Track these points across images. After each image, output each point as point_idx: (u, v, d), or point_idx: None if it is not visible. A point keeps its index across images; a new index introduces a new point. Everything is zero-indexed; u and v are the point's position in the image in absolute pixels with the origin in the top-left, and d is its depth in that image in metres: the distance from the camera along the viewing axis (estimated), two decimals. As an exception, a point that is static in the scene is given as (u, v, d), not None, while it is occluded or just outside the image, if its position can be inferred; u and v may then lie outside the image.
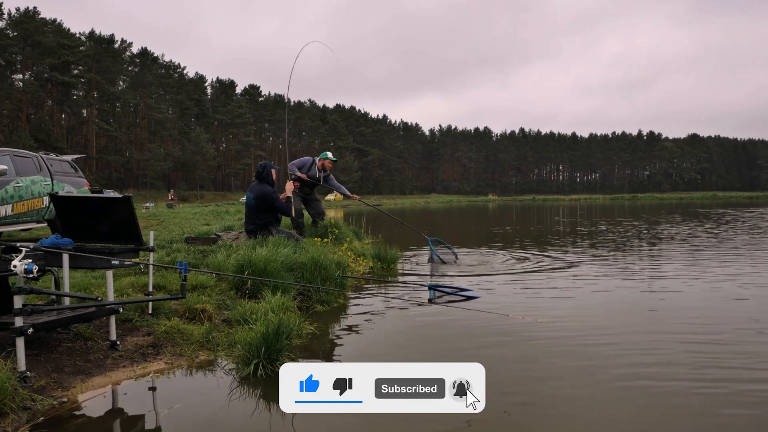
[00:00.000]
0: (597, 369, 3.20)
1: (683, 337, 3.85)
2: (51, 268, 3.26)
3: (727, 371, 3.13)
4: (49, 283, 3.53)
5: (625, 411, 2.62)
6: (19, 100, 59.46)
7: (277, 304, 3.99)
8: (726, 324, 4.18)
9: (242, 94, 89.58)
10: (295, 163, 7.97)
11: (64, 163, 9.11)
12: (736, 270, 6.80)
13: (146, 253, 3.78)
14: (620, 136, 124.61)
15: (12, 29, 59.22)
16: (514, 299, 5.20)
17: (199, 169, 72.53)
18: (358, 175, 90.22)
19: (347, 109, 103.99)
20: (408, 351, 3.68)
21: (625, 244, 10.44)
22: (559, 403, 2.72)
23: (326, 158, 8.01)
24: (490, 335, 3.97)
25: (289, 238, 6.07)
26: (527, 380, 3.05)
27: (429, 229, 17.52)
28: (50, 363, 2.91)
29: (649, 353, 3.47)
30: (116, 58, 70.70)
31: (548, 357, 3.42)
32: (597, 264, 7.57)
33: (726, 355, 3.42)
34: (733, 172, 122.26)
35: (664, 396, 2.77)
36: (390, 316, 4.66)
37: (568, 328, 4.08)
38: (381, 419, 2.43)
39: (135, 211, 3.58)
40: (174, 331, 3.53)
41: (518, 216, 26.89)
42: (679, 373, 3.10)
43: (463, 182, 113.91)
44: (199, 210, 24.77)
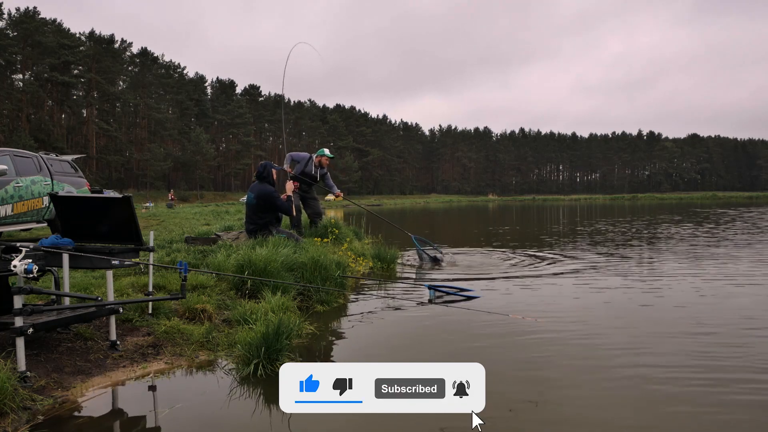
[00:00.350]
0: (597, 368, 3.20)
1: (684, 336, 3.85)
2: (51, 268, 3.26)
3: (729, 370, 3.12)
4: (49, 283, 3.53)
5: (626, 411, 2.62)
6: (19, 100, 59.47)
7: (277, 304, 3.99)
8: (725, 323, 4.17)
9: (242, 94, 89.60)
10: (294, 155, 7.89)
11: (64, 163, 9.11)
12: (735, 269, 6.80)
13: (146, 253, 3.78)
14: (620, 136, 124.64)
15: (12, 29, 59.25)
16: (514, 299, 5.20)
17: (199, 169, 72.54)
18: (358, 175, 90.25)
19: (347, 109, 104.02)
20: (408, 351, 3.68)
21: (625, 244, 10.43)
22: (560, 403, 2.72)
23: (323, 155, 7.91)
24: (490, 335, 3.97)
25: (289, 238, 6.07)
26: (527, 380, 3.05)
27: (429, 229, 17.54)
28: (50, 363, 2.91)
29: (650, 353, 3.47)
30: (116, 58, 70.72)
31: (548, 357, 3.42)
32: (597, 264, 7.56)
33: (727, 353, 3.41)
34: (733, 172, 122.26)
35: (665, 395, 2.77)
36: (390, 316, 4.66)
37: (569, 328, 4.08)
38: (381, 419, 2.43)
39: (135, 211, 3.58)
40: (174, 331, 3.53)
41: (518, 216, 26.89)
42: (680, 372, 3.09)
43: (463, 182, 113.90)
44: (199, 210, 24.76)
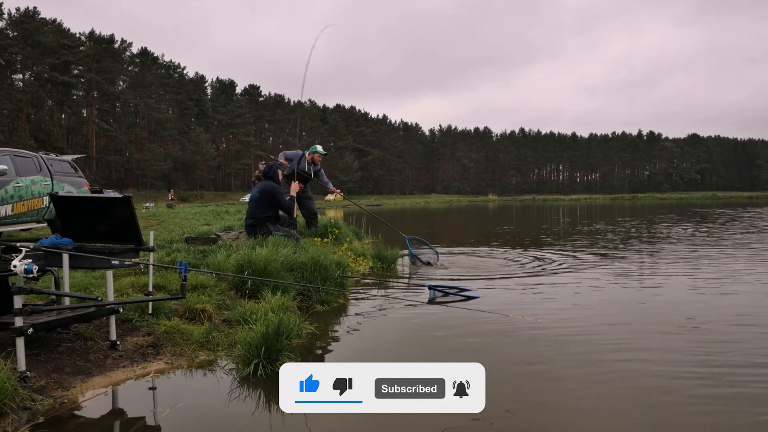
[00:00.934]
0: (597, 368, 3.20)
1: (684, 335, 3.85)
2: (51, 268, 3.26)
3: (726, 365, 3.13)
4: (49, 283, 3.53)
5: (626, 409, 2.62)
6: (19, 100, 59.44)
7: (277, 304, 3.99)
8: (719, 320, 4.18)
9: (242, 94, 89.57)
10: (286, 154, 7.87)
11: (64, 163, 9.11)
12: (733, 268, 6.80)
13: (146, 253, 3.78)
14: (620, 136, 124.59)
15: (12, 29, 59.22)
16: (514, 299, 5.20)
17: (199, 169, 72.51)
18: (358, 175, 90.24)
19: (347, 109, 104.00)
20: (408, 351, 3.68)
21: (625, 244, 10.43)
22: (560, 402, 2.72)
23: (315, 151, 7.86)
24: (490, 335, 3.97)
25: (288, 238, 6.08)
26: (527, 380, 3.04)
27: (429, 229, 17.54)
28: (50, 363, 2.91)
29: (650, 352, 3.47)
30: (116, 58, 70.70)
31: (548, 357, 3.42)
32: (597, 263, 7.57)
33: (727, 351, 3.41)
34: (733, 172, 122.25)
35: (665, 395, 2.77)
36: (390, 316, 4.66)
37: (568, 328, 4.08)
38: (381, 419, 2.43)
39: (135, 211, 3.58)
40: (174, 331, 3.53)
41: (518, 216, 26.88)
42: (681, 371, 3.09)
43: (463, 182, 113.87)
44: (199, 210, 24.75)
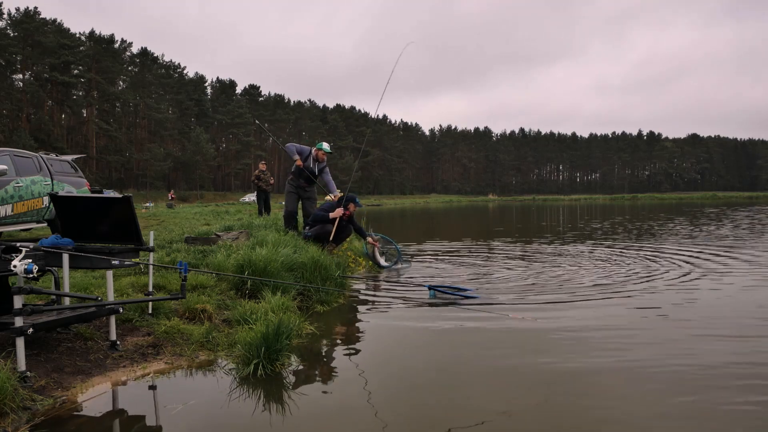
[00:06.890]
0: (597, 368, 3.20)
1: (684, 333, 3.85)
2: (51, 268, 3.25)
3: (731, 367, 3.13)
4: (49, 283, 3.52)
5: (626, 408, 2.62)
6: (19, 100, 59.45)
7: (277, 304, 3.99)
8: (727, 319, 4.18)
9: (242, 94, 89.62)
10: (296, 147, 7.50)
11: (64, 163, 9.10)
12: (733, 267, 6.80)
13: (146, 253, 3.77)
14: (620, 136, 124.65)
15: (12, 29, 59.24)
16: (514, 299, 5.20)
17: (199, 169, 72.50)
18: (358, 175, 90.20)
19: (347, 109, 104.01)
20: (407, 351, 3.68)
21: (624, 243, 10.42)
22: (560, 402, 2.72)
23: (320, 149, 7.49)
24: (490, 335, 3.97)
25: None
26: (528, 380, 3.05)
27: (429, 229, 17.53)
28: (50, 363, 2.91)
29: (650, 351, 3.47)
30: (116, 58, 70.70)
31: (548, 357, 3.42)
32: (596, 263, 7.56)
33: (727, 350, 3.42)
34: (733, 172, 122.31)
35: (665, 394, 2.77)
36: (390, 316, 4.66)
37: (568, 328, 4.08)
38: (381, 419, 2.43)
39: (135, 211, 3.58)
40: (174, 331, 3.53)
41: (518, 216, 26.88)
42: (681, 371, 3.09)
43: (463, 182, 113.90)
44: (199, 210, 24.70)
